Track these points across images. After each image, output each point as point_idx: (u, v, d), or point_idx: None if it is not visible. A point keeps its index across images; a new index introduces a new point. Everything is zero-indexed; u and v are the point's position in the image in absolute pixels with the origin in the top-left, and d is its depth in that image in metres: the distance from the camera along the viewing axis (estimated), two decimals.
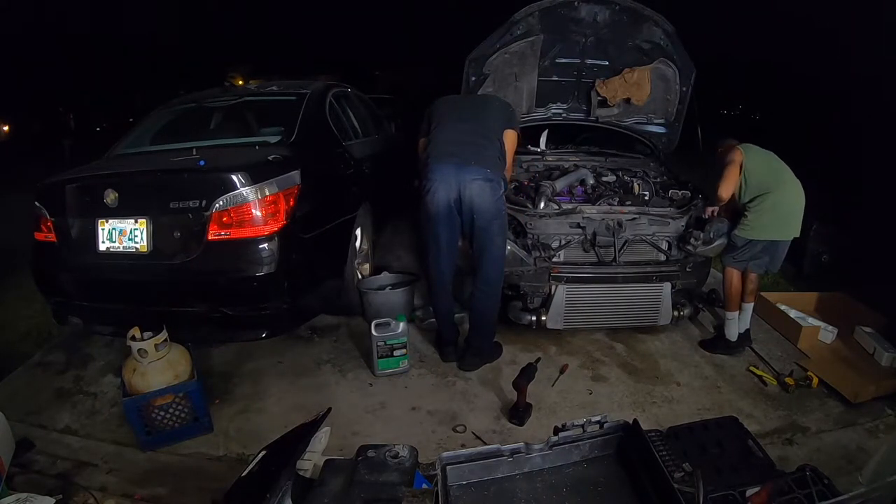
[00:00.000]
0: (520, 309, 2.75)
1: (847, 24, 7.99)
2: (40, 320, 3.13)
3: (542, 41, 3.03)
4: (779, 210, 2.59)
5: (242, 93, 3.59)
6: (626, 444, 1.16)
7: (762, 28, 12.74)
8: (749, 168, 2.60)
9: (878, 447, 1.80)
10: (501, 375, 2.57)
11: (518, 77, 3.19)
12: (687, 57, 3.14)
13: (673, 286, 2.73)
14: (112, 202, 2.28)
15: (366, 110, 4.16)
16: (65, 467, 1.99)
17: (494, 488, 1.11)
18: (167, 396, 2.07)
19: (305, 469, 1.20)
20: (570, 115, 3.44)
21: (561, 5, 2.88)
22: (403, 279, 3.22)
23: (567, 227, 2.68)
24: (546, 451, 1.15)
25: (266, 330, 2.43)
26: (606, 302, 2.69)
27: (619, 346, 2.88)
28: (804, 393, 2.47)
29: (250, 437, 2.13)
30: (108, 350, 2.84)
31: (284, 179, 2.32)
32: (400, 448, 1.10)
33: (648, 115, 3.40)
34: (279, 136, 2.74)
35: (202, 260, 2.22)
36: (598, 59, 3.20)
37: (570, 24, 2.98)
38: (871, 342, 2.77)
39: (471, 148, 2.36)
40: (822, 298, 3.28)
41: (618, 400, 2.43)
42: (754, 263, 2.73)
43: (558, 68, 3.22)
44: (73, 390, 2.54)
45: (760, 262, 2.73)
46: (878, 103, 5.93)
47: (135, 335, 2.11)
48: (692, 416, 2.20)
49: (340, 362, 2.71)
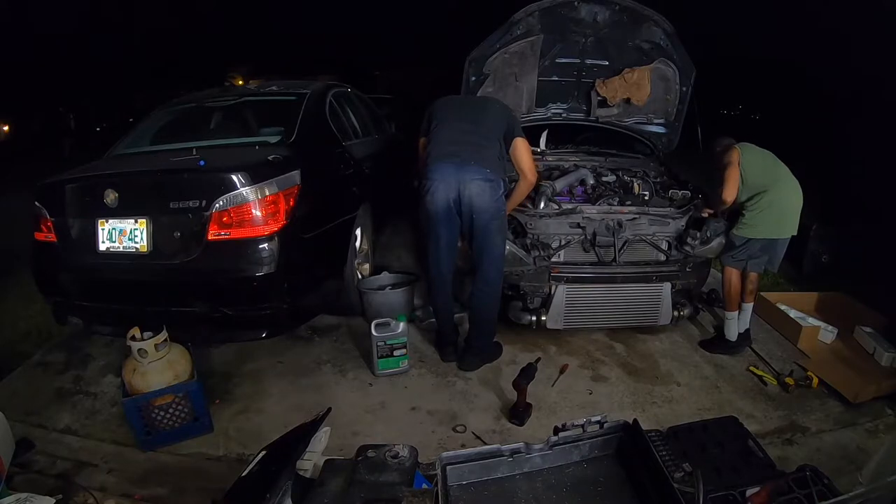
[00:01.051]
0: (520, 309, 2.75)
1: (848, 23, 7.98)
2: (40, 320, 3.13)
3: (542, 41, 3.03)
4: (776, 208, 2.59)
5: (242, 93, 3.59)
6: (626, 444, 1.16)
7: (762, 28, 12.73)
8: (745, 166, 2.60)
9: (878, 447, 1.80)
10: (501, 375, 2.57)
11: (518, 77, 3.18)
12: (687, 57, 3.14)
13: (673, 286, 2.73)
14: (112, 202, 2.28)
15: (366, 110, 4.16)
16: (65, 467, 1.99)
17: (494, 488, 1.11)
18: (167, 396, 2.07)
19: (305, 469, 1.20)
20: (570, 115, 3.44)
21: (561, 5, 2.88)
22: (403, 279, 3.22)
23: (567, 227, 2.68)
24: (546, 451, 1.15)
25: (266, 330, 2.43)
26: (606, 302, 2.69)
27: (619, 346, 2.88)
28: (804, 393, 2.47)
29: (250, 437, 2.13)
30: (108, 350, 2.84)
31: (284, 179, 2.32)
32: (400, 448, 1.10)
33: (648, 115, 3.39)
34: (279, 136, 2.74)
35: (202, 260, 2.22)
36: (598, 59, 3.19)
37: (570, 24, 2.98)
38: (871, 342, 2.77)
39: (471, 148, 2.36)
40: (822, 298, 3.28)
41: (618, 400, 2.43)
42: (753, 262, 2.73)
43: (558, 68, 3.21)
44: (73, 390, 2.54)
45: (759, 261, 2.73)
46: (878, 103, 5.93)
47: (135, 335, 2.11)
48: (692, 416, 2.20)
49: (340, 362, 2.71)
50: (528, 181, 2.53)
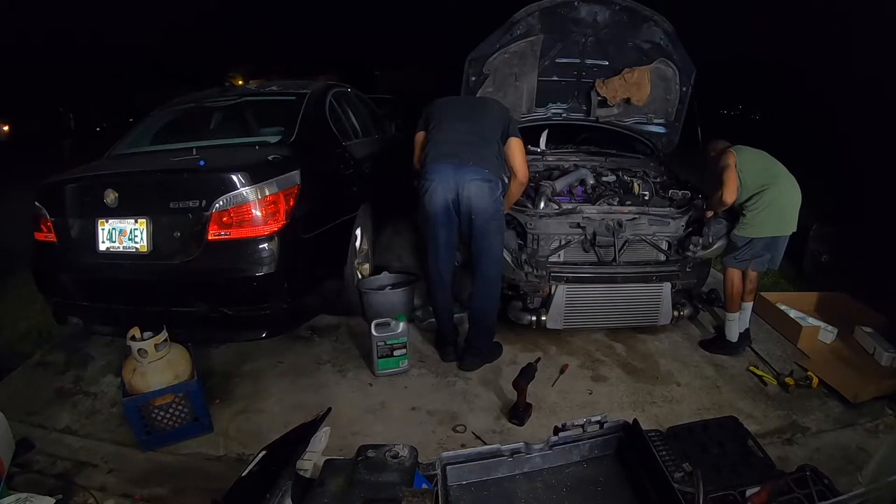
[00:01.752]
0: (520, 309, 2.75)
1: (848, 23, 7.99)
2: (40, 320, 3.12)
3: (542, 41, 3.03)
4: (777, 206, 2.59)
5: (242, 93, 3.59)
6: (626, 444, 1.16)
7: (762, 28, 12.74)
8: (742, 168, 2.59)
9: (878, 447, 1.80)
10: (501, 375, 2.57)
11: (518, 77, 3.18)
12: (687, 57, 3.14)
13: (673, 286, 2.73)
14: (112, 202, 2.28)
15: (366, 110, 4.16)
16: (65, 467, 1.99)
17: (494, 488, 1.11)
18: (167, 396, 2.07)
19: (305, 469, 1.20)
20: (570, 115, 3.44)
21: (561, 5, 2.88)
22: (403, 279, 3.22)
23: (567, 227, 2.68)
24: (546, 451, 1.15)
25: (266, 330, 2.42)
26: (606, 302, 2.69)
27: (619, 346, 2.88)
28: (804, 393, 2.46)
29: (250, 437, 2.13)
30: (108, 350, 2.84)
31: (284, 179, 2.32)
32: (400, 448, 1.10)
33: (648, 115, 3.40)
34: (279, 136, 2.74)
35: (202, 260, 2.22)
36: (598, 60, 3.19)
37: (570, 23, 2.98)
38: (871, 342, 2.77)
39: (469, 148, 2.36)
40: (822, 298, 3.28)
41: (618, 400, 2.43)
42: (757, 262, 2.72)
43: (558, 68, 3.22)
44: (73, 390, 2.54)
45: (762, 260, 2.72)
46: (878, 103, 5.93)
47: (135, 335, 2.11)
48: (692, 416, 2.20)
49: (340, 362, 2.71)
50: (519, 181, 2.51)
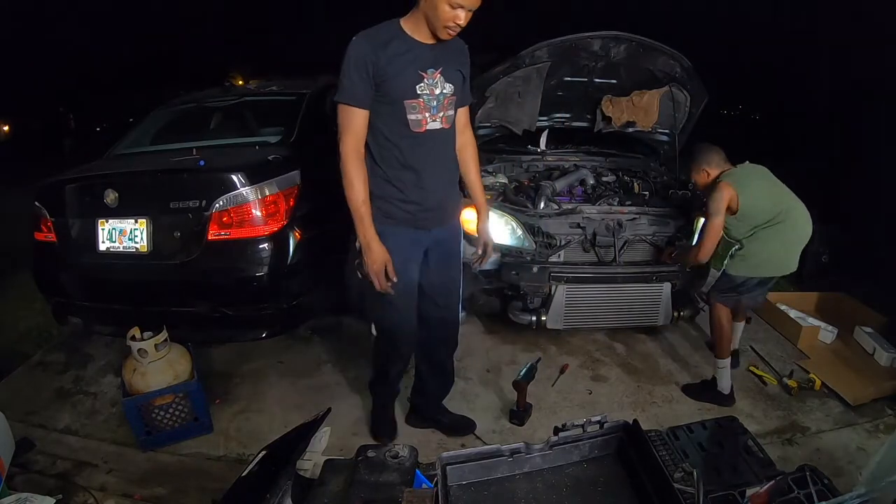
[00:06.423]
0: (520, 309, 2.75)
1: (848, 23, 7.99)
2: (40, 320, 3.13)
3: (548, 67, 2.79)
4: (783, 244, 2.21)
5: (242, 93, 3.59)
6: (626, 444, 1.16)
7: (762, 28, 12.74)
8: (748, 205, 2.15)
9: (878, 447, 1.79)
10: (501, 375, 2.57)
11: (522, 95, 2.96)
12: (702, 86, 2.92)
13: (673, 286, 2.72)
14: (112, 202, 2.28)
15: None
16: (65, 467, 2.00)
17: (494, 488, 1.11)
18: (167, 396, 2.07)
19: (305, 469, 1.20)
20: (572, 123, 3.36)
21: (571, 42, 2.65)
22: None
23: (567, 227, 2.67)
24: (546, 451, 1.15)
25: (266, 330, 2.43)
26: (606, 302, 2.68)
27: (619, 346, 2.88)
28: (804, 393, 2.46)
29: (250, 437, 2.14)
30: (108, 350, 2.84)
31: (284, 179, 2.32)
32: (400, 448, 1.10)
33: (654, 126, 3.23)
34: (279, 136, 2.73)
35: (202, 260, 2.22)
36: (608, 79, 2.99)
37: (581, 53, 2.75)
38: (871, 342, 2.77)
39: None
40: (822, 298, 3.28)
41: (618, 400, 2.43)
42: (748, 297, 2.38)
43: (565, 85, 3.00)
44: (73, 390, 2.54)
45: (754, 296, 2.38)
46: (878, 103, 5.93)
47: (135, 335, 2.12)
48: (692, 416, 2.20)
49: (341, 362, 2.71)
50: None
